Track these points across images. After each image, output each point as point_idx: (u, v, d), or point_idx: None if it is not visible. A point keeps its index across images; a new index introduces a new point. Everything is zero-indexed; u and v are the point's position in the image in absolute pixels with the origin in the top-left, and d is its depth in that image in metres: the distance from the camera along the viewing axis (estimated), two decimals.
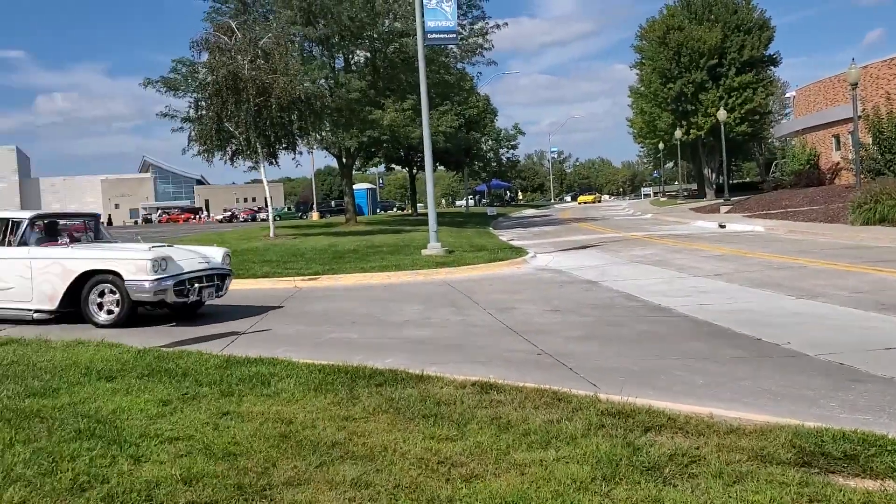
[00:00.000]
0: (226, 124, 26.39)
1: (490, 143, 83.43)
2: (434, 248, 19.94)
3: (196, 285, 10.52)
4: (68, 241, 11.34)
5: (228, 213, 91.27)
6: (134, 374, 6.63)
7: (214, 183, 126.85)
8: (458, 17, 31.74)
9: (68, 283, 10.14)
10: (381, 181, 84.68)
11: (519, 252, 20.43)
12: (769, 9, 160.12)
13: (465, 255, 19.51)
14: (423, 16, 20.46)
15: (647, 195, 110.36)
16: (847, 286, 11.75)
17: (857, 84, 28.28)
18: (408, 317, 10.86)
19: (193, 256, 11.03)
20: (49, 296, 10.31)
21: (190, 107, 28.70)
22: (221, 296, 11.28)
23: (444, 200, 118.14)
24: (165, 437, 4.81)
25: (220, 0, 34.79)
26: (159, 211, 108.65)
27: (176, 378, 6.44)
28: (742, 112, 56.14)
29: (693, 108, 58.29)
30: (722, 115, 44.59)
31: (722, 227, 28.60)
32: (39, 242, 10.86)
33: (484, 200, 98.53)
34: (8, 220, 10.98)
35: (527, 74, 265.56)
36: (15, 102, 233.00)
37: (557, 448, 4.50)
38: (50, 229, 11.44)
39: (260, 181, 29.90)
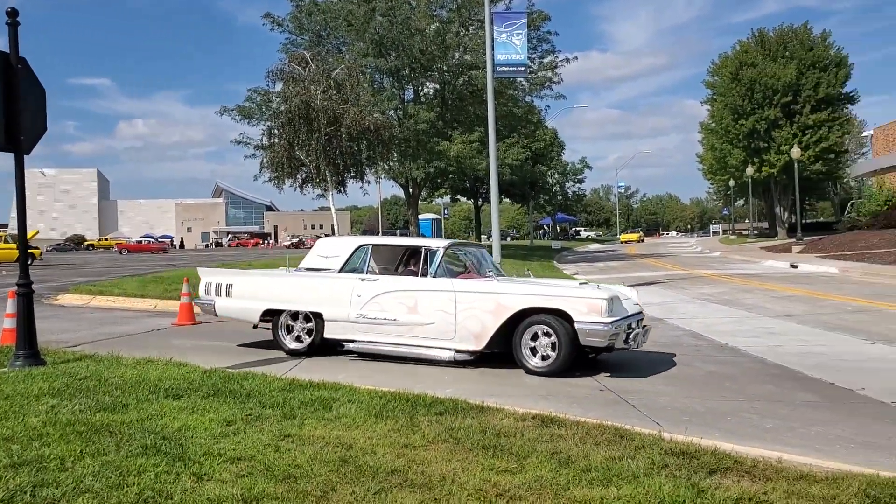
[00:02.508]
0: (297, 152, 26.91)
1: (556, 176, 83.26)
2: None
3: (636, 329, 9.02)
4: (493, 274, 10.14)
5: (296, 240, 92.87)
6: (200, 393, 6.76)
7: (283, 210, 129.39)
8: (528, 50, 31.98)
9: (501, 322, 8.80)
10: (446, 212, 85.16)
11: None
12: (847, 46, 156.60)
13: None
14: (493, 49, 20.64)
15: (715, 233, 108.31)
16: None
17: None
18: None
19: (626, 297, 9.50)
20: (476, 334, 8.94)
21: (263, 135, 29.43)
22: (645, 342, 9.38)
23: (510, 235, 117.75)
24: (228, 456, 4.88)
25: (296, 32, 35.76)
26: (229, 235, 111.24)
27: (240, 399, 6.54)
28: (817, 150, 54.90)
29: (765, 145, 57.28)
30: (796, 152, 43.60)
31: (794, 267, 27.85)
32: (455, 273, 9.64)
33: (548, 234, 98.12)
34: (421, 248, 9.79)
35: (595, 108, 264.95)
36: (98, 127, 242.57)
37: (619, 486, 4.40)
38: (455, 259, 10.19)
39: (328, 209, 30.38)
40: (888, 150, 45.40)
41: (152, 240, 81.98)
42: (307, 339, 10.01)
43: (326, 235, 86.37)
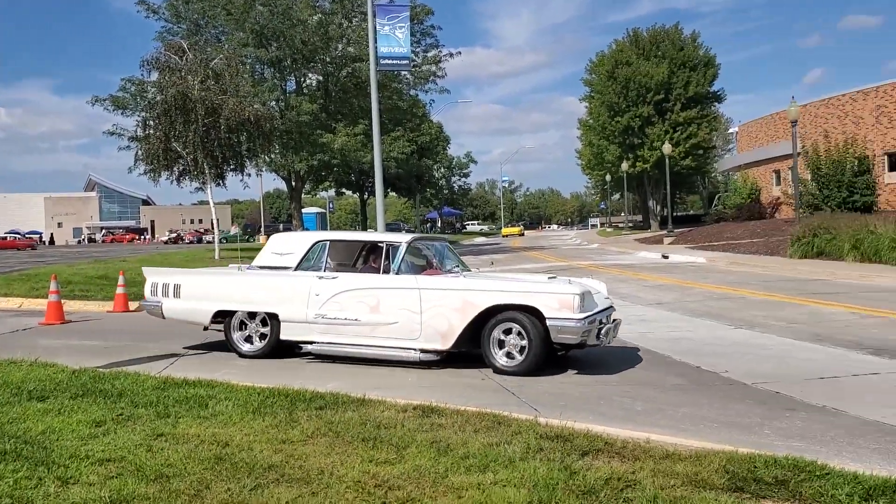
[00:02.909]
0: (173, 144, 26.10)
1: (442, 170, 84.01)
2: None
3: (607, 324, 8.74)
4: (459, 269, 9.61)
5: (174, 235, 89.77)
6: (68, 394, 6.45)
7: (161, 204, 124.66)
8: (412, 44, 32.03)
9: (469, 320, 8.40)
10: (331, 205, 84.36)
11: None
12: (715, 47, 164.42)
13: None
14: (375, 41, 20.60)
15: (594, 225, 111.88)
16: (784, 317, 12.05)
17: (796, 122, 29.21)
18: None
19: (596, 291, 9.17)
20: (442, 333, 8.52)
21: (137, 126, 28.33)
22: (615, 336, 9.29)
23: (404, 228, 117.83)
24: (96, 458, 4.69)
25: (173, 20, 34.57)
26: (103, 230, 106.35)
27: (111, 399, 6.29)
28: (687, 146, 57.46)
29: (640, 141, 59.50)
30: (667, 148, 45.57)
31: (665, 257, 29.11)
32: (419, 270, 9.19)
33: (434, 228, 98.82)
34: (382, 243, 9.27)
35: (479, 104, 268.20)
36: None
37: (495, 471, 4.50)
38: (418, 254, 9.71)
39: (207, 202, 29.55)
40: (751, 147, 48.14)
41: (19, 236, 77.32)
42: (262, 342, 9.45)
43: (207, 231, 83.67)
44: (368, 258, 9.83)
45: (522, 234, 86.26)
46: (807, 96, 53.47)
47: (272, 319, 9.34)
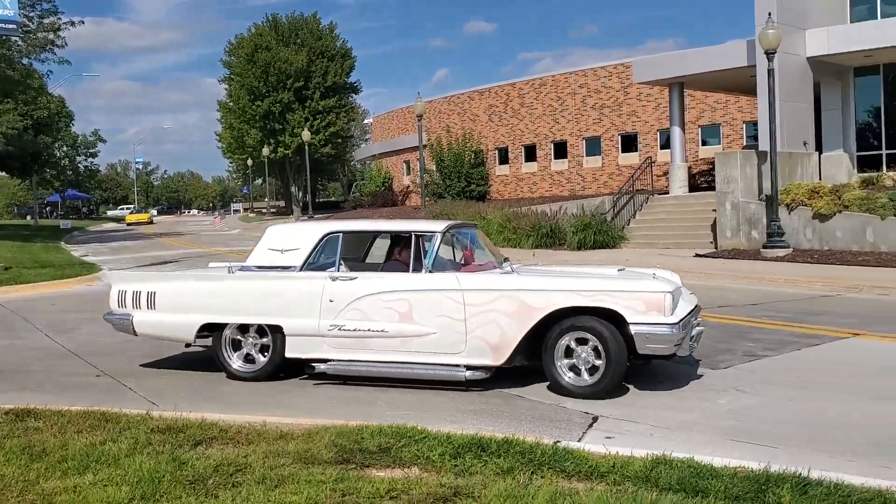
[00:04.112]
0: None
1: (65, 149, 76.55)
2: None
3: (697, 328, 7.14)
4: (507, 264, 7.62)
5: None
6: None
7: None
8: (24, 8, 28.80)
9: (528, 328, 6.73)
10: None
11: (91, 268, 19.05)
12: (352, 40, 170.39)
13: (26, 271, 17.64)
14: None
15: (237, 211, 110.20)
16: None
17: (422, 116, 31.52)
18: None
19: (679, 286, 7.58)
20: (493, 345, 6.82)
21: None
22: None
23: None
24: None
25: None
26: None
27: None
28: (326, 134, 58.93)
29: (281, 126, 59.73)
30: (306, 135, 46.46)
31: None
32: (457, 266, 7.42)
33: (58, 213, 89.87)
34: (410, 233, 7.41)
35: (112, 79, 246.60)
36: None
37: (96, 471, 4.28)
38: (455, 246, 7.81)
39: None
40: (384, 138, 51.05)
41: None
42: (262, 360, 7.51)
43: None
44: (392, 252, 8.15)
45: (151, 222, 76.41)
46: (434, 93, 58.24)
47: (274, 333, 7.50)
